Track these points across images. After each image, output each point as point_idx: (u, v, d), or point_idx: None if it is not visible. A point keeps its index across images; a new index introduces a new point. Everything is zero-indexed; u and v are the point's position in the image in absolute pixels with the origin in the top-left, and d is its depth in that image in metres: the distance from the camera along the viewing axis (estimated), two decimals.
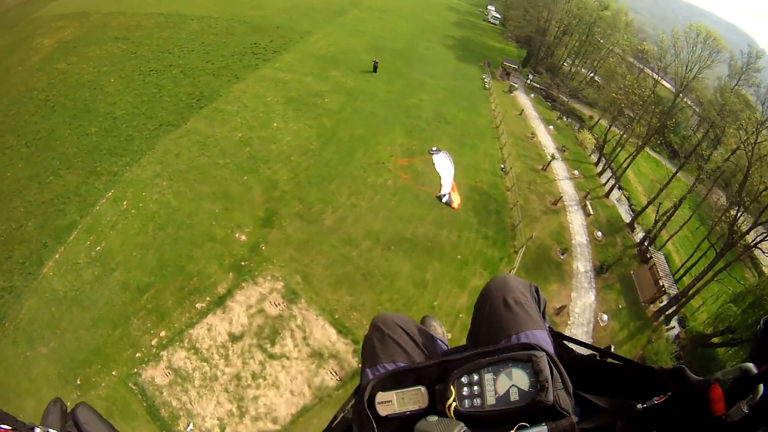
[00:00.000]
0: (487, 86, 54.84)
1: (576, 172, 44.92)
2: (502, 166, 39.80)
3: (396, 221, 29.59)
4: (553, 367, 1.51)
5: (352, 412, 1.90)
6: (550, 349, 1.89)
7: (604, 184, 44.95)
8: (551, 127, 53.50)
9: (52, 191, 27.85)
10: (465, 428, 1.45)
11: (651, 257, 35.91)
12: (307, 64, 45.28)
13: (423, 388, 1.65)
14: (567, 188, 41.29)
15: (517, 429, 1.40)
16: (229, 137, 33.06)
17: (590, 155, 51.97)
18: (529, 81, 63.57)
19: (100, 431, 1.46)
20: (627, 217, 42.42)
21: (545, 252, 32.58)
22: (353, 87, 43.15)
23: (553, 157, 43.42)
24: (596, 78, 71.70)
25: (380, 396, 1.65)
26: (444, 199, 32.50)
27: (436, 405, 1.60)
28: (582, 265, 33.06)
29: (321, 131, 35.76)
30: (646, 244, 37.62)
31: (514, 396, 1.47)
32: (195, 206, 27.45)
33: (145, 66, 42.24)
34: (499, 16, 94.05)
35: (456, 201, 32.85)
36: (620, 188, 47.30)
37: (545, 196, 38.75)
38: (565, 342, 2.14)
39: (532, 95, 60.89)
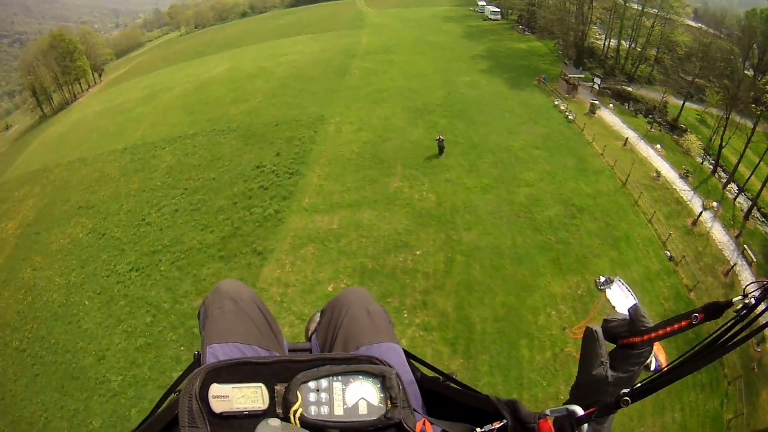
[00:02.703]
0: (569, 117, 37.97)
1: (715, 204, 31.97)
2: (668, 253, 25.83)
3: None
4: (400, 386, 1.38)
5: (179, 401, 1.29)
6: (404, 362, 1.85)
7: (735, 199, 34.56)
8: (659, 146, 38.37)
9: None
10: None
11: None
12: (345, 179, 28.95)
13: (263, 386, 1.33)
14: (721, 237, 29.49)
15: None
16: None
17: (702, 163, 38.58)
18: (598, 86, 46.52)
19: None
20: None
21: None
22: (436, 203, 26.72)
23: (705, 208, 30.54)
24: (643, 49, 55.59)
25: (215, 389, 1.28)
26: (653, 367, 16.88)
27: (275, 407, 1.31)
28: None
29: (448, 333, 19.75)
30: None
31: (363, 409, 1.31)
32: None
33: (121, 262, 26.83)
34: (498, 10, 76.75)
35: (663, 359, 17.56)
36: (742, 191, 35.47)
37: (715, 269, 26.56)
38: (413, 361, 1.98)
39: (611, 105, 44.19)
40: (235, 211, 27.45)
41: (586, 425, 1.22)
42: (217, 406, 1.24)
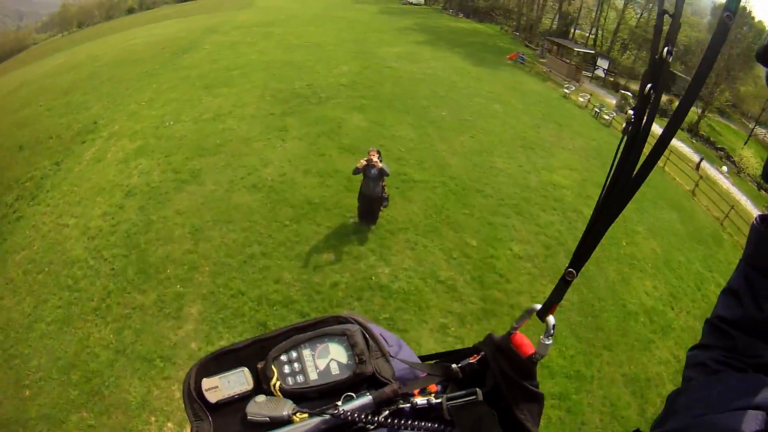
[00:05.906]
0: (605, 118, 18.48)
1: None
2: None
3: None
4: (369, 339, 1.29)
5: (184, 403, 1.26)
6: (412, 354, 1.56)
7: None
8: (725, 169, 23.91)
9: None
10: (294, 406, 1.17)
11: None
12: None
13: (246, 369, 1.27)
14: None
15: (344, 400, 1.18)
16: None
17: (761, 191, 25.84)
18: (604, 72, 28.60)
19: None
20: None
21: None
22: None
23: None
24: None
25: (206, 382, 1.24)
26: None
27: (260, 384, 1.25)
28: None
29: None
30: None
31: (335, 370, 1.26)
32: None
33: None
34: None
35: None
36: None
37: None
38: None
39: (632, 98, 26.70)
40: None
41: (551, 317, 1.10)
42: (212, 397, 1.20)
